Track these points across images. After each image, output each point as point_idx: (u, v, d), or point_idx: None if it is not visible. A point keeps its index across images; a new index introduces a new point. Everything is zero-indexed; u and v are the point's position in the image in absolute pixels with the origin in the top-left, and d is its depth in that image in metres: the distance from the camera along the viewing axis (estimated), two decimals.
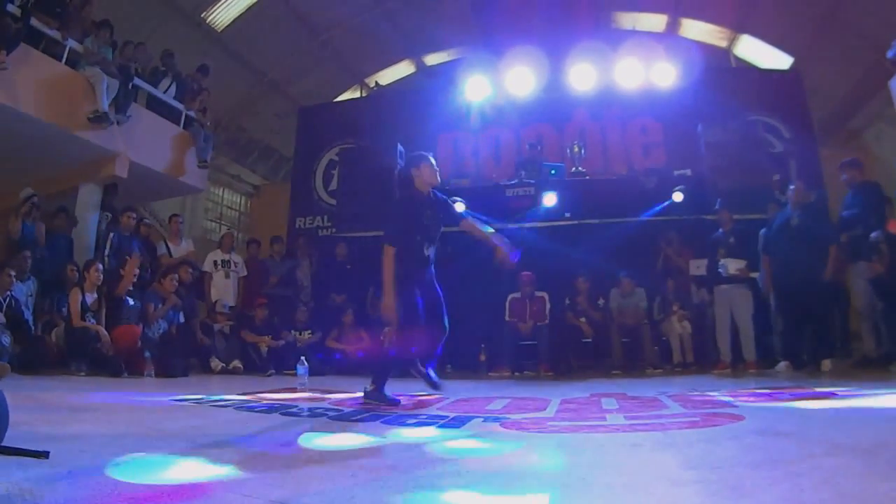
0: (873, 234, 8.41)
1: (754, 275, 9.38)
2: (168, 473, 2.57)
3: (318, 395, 6.48)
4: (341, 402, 5.75)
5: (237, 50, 15.17)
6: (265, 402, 5.69)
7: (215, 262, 12.00)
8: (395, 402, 5.49)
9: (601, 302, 11.09)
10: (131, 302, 9.53)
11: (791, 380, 7.36)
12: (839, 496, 2.03)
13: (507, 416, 4.65)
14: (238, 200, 18.09)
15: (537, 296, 10.92)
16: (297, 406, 5.38)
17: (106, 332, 8.88)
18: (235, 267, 12.13)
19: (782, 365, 8.54)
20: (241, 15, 14.39)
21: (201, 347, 10.52)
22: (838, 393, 5.48)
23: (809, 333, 8.66)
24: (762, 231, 9.35)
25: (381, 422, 4.32)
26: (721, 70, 15.19)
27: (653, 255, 11.56)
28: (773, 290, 9.06)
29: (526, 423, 4.27)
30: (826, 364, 8.22)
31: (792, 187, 9.17)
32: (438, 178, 6.19)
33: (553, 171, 12.10)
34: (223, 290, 11.87)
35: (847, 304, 8.96)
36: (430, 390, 5.99)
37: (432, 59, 18.39)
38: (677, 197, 11.42)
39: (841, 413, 4.40)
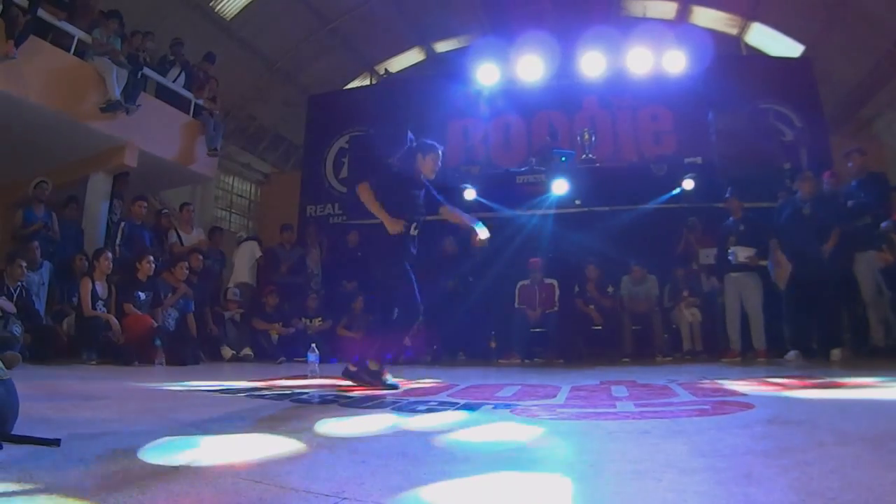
0: (884, 224, 8.41)
1: (764, 263, 9.36)
2: (178, 460, 2.58)
3: (328, 382, 6.49)
4: (352, 388, 5.76)
5: (246, 38, 15.14)
6: (276, 389, 5.72)
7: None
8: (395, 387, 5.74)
9: (610, 289, 11.10)
10: (143, 296, 9.57)
11: (800, 369, 7.36)
12: (848, 485, 2.03)
13: (518, 403, 4.66)
14: (248, 188, 18.08)
15: (546, 283, 10.96)
16: (307, 393, 5.40)
17: (116, 321, 8.93)
18: None
19: (792, 354, 8.54)
20: (249, 3, 14.36)
21: (212, 335, 10.57)
22: (847, 382, 5.48)
23: (819, 323, 8.65)
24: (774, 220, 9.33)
25: (392, 408, 4.34)
26: (732, 58, 15.11)
27: (663, 242, 11.57)
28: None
29: (536, 410, 4.27)
30: (835, 353, 8.21)
31: (802, 178, 9.15)
32: (433, 175, 6.38)
33: (563, 159, 12.11)
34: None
35: (857, 294, 8.92)
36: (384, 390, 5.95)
37: (442, 47, 18.32)
38: (687, 184, 11.43)
39: (850, 402, 4.39)
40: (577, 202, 12.17)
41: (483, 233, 6.23)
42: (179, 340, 9.60)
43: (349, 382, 5.96)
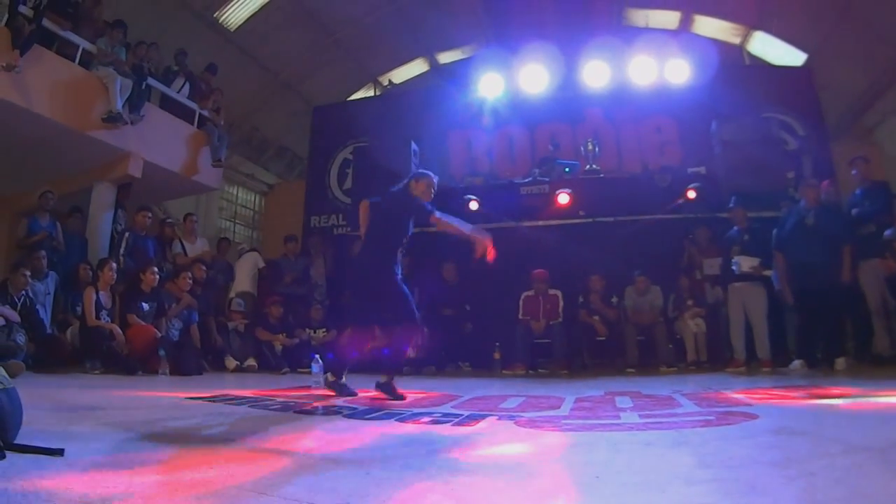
0: (887, 232, 8.39)
1: (768, 273, 9.34)
2: (181, 471, 2.58)
3: (332, 393, 6.49)
4: (355, 400, 5.76)
5: (250, 49, 15.21)
6: (279, 399, 5.72)
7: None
8: (402, 397, 5.85)
9: (615, 300, 11.08)
10: (146, 307, 9.58)
11: (805, 378, 7.34)
12: (853, 495, 2.03)
13: (522, 414, 4.66)
14: (252, 199, 18.15)
15: (550, 294, 10.93)
16: (311, 404, 5.39)
17: (120, 331, 8.94)
18: None
19: (796, 363, 8.51)
20: (253, 14, 14.42)
21: (216, 346, 10.58)
22: (852, 392, 5.46)
23: (823, 332, 8.63)
24: (776, 231, 9.30)
25: (396, 419, 4.33)
26: (735, 67, 15.11)
27: (667, 253, 11.50)
28: (789, 289, 9.02)
29: (540, 421, 4.27)
30: (840, 363, 8.17)
31: (805, 186, 9.14)
32: (430, 197, 6.55)
33: (567, 169, 12.12)
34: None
35: (861, 303, 8.90)
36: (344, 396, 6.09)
37: (446, 58, 18.39)
38: (691, 195, 11.41)
39: (855, 412, 4.39)
40: (581, 213, 12.15)
41: (484, 243, 6.08)
42: (183, 351, 9.61)
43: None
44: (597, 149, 12.62)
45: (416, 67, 18.71)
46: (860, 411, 4.42)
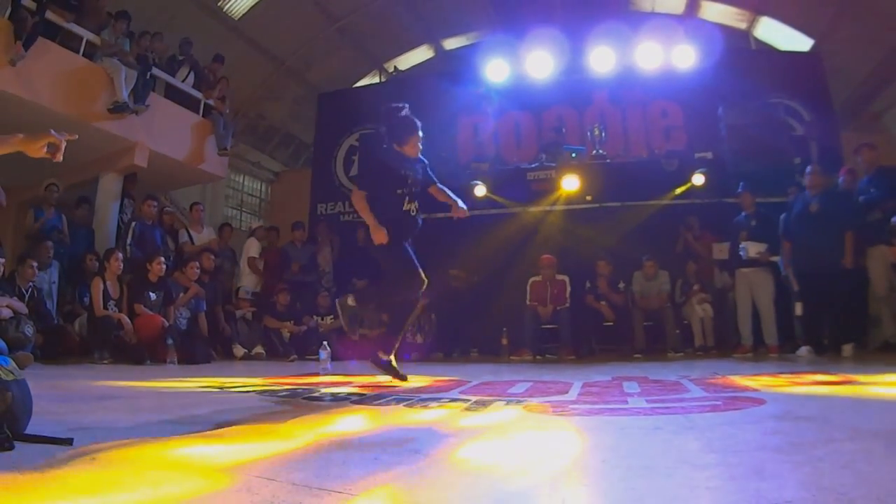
0: (894, 219, 8.36)
1: (775, 258, 9.33)
2: (191, 458, 2.59)
3: (340, 379, 6.50)
4: (363, 386, 5.78)
5: (255, 37, 15.16)
6: (287, 387, 5.73)
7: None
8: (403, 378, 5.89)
9: (622, 285, 11.07)
10: (153, 296, 9.60)
11: (812, 364, 7.34)
12: (859, 480, 2.03)
13: (529, 399, 4.66)
14: (259, 187, 18.13)
15: (558, 279, 10.94)
16: (319, 391, 5.40)
17: (129, 321, 8.97)
18: None
19: (803, 349, 8.51)
20: (257, 2, 14.38)
21: (224, 334, 10.61)
22: (859, 378, 5.46)
23: (830, 318, 8.62)
24: (783, 216, 9.27)
25: (404, 405, 4.34)
26: (741, 52, 15.04)
27: (674, 238, 11.52)
28: (794, 276, 9.01)
29: (548, 406, 4.27)
30: (847, 349, 8.17)
31: (808, 172, 9.11)
32: (418, 153, 6.50)
33: (574, 154, 12.10)
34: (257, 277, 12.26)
35: (866, 289, 8.89)
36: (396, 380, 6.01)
37: (451, 43, 18.30)
38: (698, 180, 11.40)
39: (862, 398, 4.38)
40: (588, 198, 12.15)
41: (462, 211, 6.30)
42: (191, 339, 9.66)
43: (364, 380, 6.03)
44: (603, 134, 12.60)
45: (422, 54, 18.63)
46: (867, 397, 4.41)
